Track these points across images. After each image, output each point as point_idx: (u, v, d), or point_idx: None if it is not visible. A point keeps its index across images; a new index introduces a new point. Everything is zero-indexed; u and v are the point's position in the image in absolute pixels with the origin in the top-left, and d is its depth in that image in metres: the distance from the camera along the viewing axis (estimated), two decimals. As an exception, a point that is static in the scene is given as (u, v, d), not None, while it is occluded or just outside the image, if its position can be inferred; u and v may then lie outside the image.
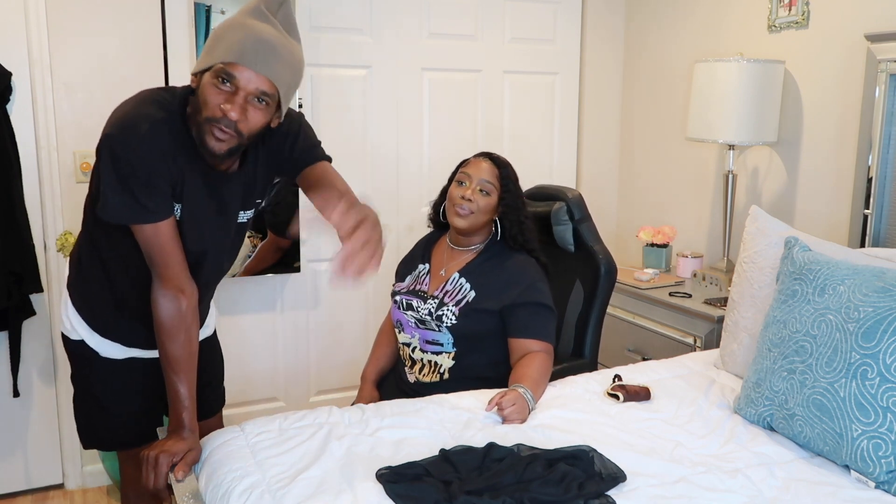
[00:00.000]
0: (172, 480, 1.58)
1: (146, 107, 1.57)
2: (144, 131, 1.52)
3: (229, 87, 1.51)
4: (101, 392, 1.82)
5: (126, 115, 1.55)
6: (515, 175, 2.15)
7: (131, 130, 1.52)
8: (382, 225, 1.48)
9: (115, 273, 1.73)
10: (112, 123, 1.55)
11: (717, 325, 2.60)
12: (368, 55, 3.12)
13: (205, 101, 1.52)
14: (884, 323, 1.63)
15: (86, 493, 2.88)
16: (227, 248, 1.81)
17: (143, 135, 1.52)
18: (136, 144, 1.52)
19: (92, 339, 1.78)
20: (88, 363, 1.81)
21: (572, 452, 1.60)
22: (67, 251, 2.57)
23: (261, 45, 1.50)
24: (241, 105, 1.51)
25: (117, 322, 1.76)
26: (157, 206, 1.57)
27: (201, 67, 1.54)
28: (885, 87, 2.38)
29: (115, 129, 1.53)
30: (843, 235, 2.56)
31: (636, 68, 3.53)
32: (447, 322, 2.05)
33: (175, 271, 1.62)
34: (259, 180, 1.76)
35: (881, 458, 1.58)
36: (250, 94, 1.52)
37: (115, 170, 1.53)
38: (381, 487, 1.49)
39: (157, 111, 1.56)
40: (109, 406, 1.82)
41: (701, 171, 3.21)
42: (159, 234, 1.59)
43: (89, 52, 2.68)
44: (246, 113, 1.52)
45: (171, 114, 1.58)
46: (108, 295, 1.76)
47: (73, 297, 1.80)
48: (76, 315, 1.79)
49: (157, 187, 1.56)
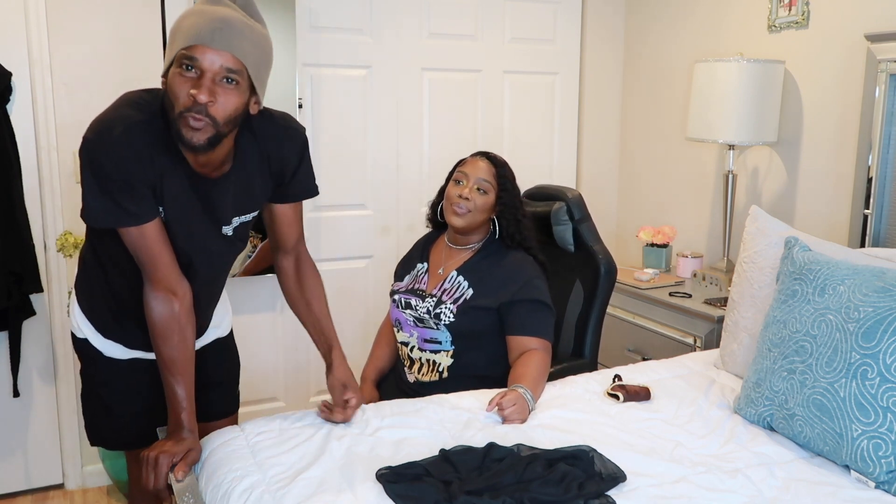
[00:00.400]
0: (172, 480, 1.58)
1: (124, 109, 1.54)
2: (118, 134, 1.50)
3: (194, 73, 1.46)
4: (105, 392, 1.81)
5: (102, 119, 1.53)
6: (512, 174, 2.15)
7: (106, 134, 1.50)
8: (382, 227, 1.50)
9: (112, 275, 1.73)
10: (89, 128, 1.53)
11: (717, 325, 2.60)
12: (368, 55, 3.12)
13: (174, 94, 1.47)
14: (884, 323, 1.63)
15: (86, 493, 2.88)
16: (224, 250, 1.76)
17: (117, 137, 1.49)
18: (109, 147, 1.49)
19: (96, 339, 1.78)
20: (93, 362, 1.81)
21: (572, 452, 1.60)
22: (67, 251, 2.57)
23: (217, 24, 1.45)
24: (210, 87, 1.45)
25: (117, 323, 1.76)
26: (137, 209, 1.54)
27: (166, 64, 1.51)
28: (885, 87, 2.38)
29: (92, 134, 1.52)
30: (843, 235, 2.56)
31: (636, 68, 3.53)
32: (445, 320, 2.05)
33: (164, 273, 1.61)
34: (257, 183, 1.70)
35: (881, 458, 1.58)
36: (216, 75, 1.46)
37: (93, 174, 1.51)
38: (381, 487, 1.49)
39: (136, 113, 1.53)
40: (113, 406, 1.81)
41: (701, 171, 3.21)
42: (145, 237, 1.56)
43: (89, 52, 2.68)
44: (216, 95, 1.46)
45: (151, 115, 1.54)
46: (108, 296, 1.76)
47: (79, 298, 1.80)
48: (81, 315, 1.79)
49: (135, 190, 1.52)
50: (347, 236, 3.18)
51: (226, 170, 1.64)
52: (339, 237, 3.15)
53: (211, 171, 1.61)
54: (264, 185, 1.72)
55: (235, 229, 1.73)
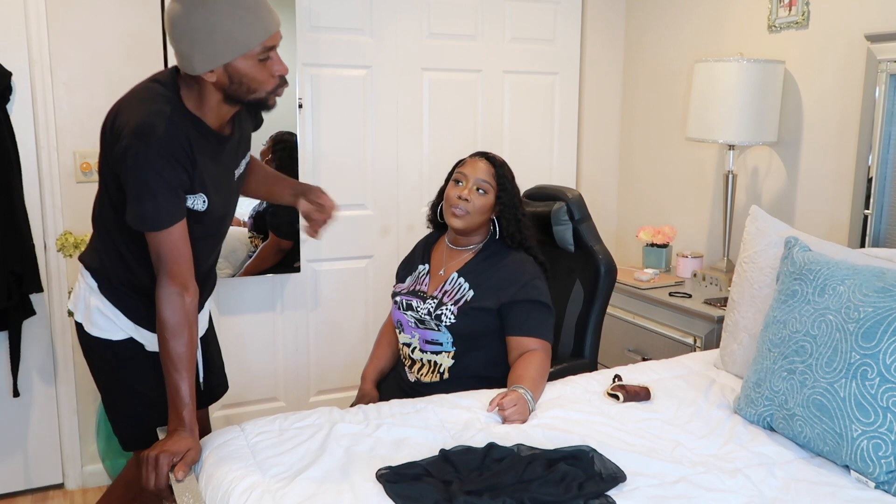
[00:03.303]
0: (172, 480, 1.58)
1: (152, 104, 1.62)
2: (163, 131, 1.59)
3: (269, 56, 1.64)
4: (147, 387, 1.81)
5: (139, 121, 1.59)
6: (512, 174, 2.15)
7: (151, 134, 1.58)
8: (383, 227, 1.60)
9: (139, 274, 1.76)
10: (130, 133, 1.58)
11: (717, 325, 2.60)
12: (368, 55, 3.12)
13: (257, 81, 1.64)
14: (884, 323, 1.63)
15: (86, 493, 2.88)
16: (234, 202, 1.91)
17: (162, 134, 1.58)
18: (160, 146, 1.58)
19: (139, 334, 1.81)
20: (132, 361, 1.82)
21: (572, 452, 1.60)
22: (67, 251, 2.56)
23: (264, 9, 1.61)
24: (280, 60, 1.67)
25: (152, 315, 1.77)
26: (175, 208, 1.63)
27: (227, 60, 1.60)
28: (885, 87, 2.38)
29: (135, 139, 1.58)
30: (843, 235, 2.56)
31: (636, 68, 3.53)
32: (446, 321, 2.05)
33: (182, 268, 1.66)
34: (243, 123, 1.86)
35: (881, 458, 1.58)
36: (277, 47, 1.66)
37: (142, 179, 1.58)
38: (381, 487, 1.50)
39: (165, 105, 1.63)
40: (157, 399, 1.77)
41: (701, 171, 3.21)
42: (172, 235, 1.64)
43: (89, 52, 2.68)
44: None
45: (175, 103, 1.65)
46: (142, 293, 1.77)
47: (111, 299, 1.80)
48: (119, 314, 1.79)
49: (180, 186, 1.63)
50: (347, 236, 3.18)
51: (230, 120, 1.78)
52: (340, 237, 3.15)
53: (226, 128, 1.77)
54: (246, 120, 1.89)
55: (238, 175, 1.87)
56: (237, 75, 1.62)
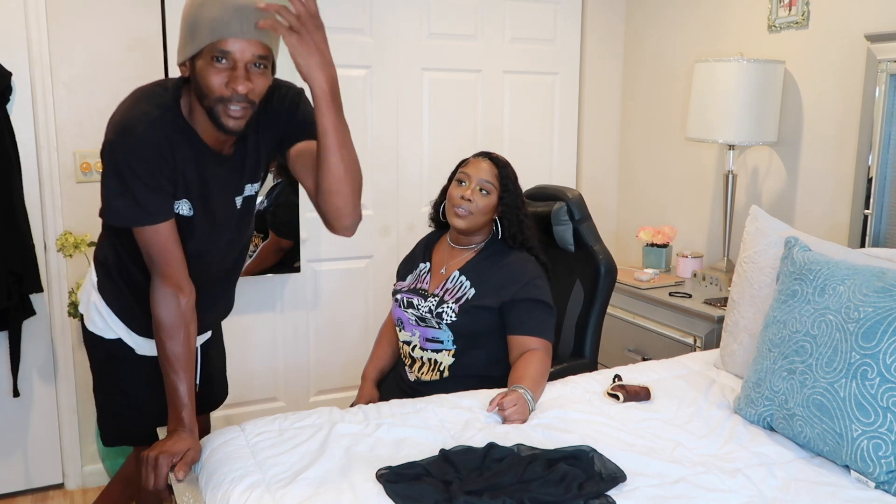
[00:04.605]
0: (172, 480, 1.58)
1: (141, 105, 1.59)
2: (141, 132, 1.55)
3: (226, 64, 1.51)
4: (132, 389, 1.83)
5: (123, 118, 1.58)
6: (515, 174, 2.15)
7: (129, 133, 1.55)
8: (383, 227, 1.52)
9: (135, 274, 1.76)
10: (111, 129, 1.58)
11: (717, 325, 2.60)
12: (368, 55, 3.12)
13: (207, 85, 1.52)
14: (884, 323, 1.63)
15: (86, 493, 2.88)
16: (239, 225, 1.81)
17: (141, 136, 1.55)
18: (135, 146, 1.55)
19: (130, 338, 1.82)
20: (122, 362, 1.83)
21: (572, 452, 1.60)
22: (67, 251, 2.56)
23: (240, 13, 1.48)
24: (244, 76, 1.51)
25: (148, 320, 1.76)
26: (157, 208, 1.60)
27: (189, 55, 1.54)
28: (885, 87, 2.38)
29: (115, 135, 1.57)
30: (843, 235, 2.56)
31: (636, 68, 3.53)
32: (447, 319, 2.05)
33: (174, 269, 1.65)
34: (262, 147, 1.75)
35: (881, 458, 1.58)
36: (248, 63, 1.51)
37: (117, 174, 1.56)
38: (381, 487, 1.50)
39: (153, 108, 1.59)
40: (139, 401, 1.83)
41: (701, 171, 3.21)
42: (159, 234, 1.61)
43: (89, 52, 2.68)
44: (251, 81, 1.52)
45: (167, 108, 1.60)
46: (138, 295, 1.77)
47: (106, 300, 1.81)
48: (112, 315, 1.81)
49: (159, 188, 1.58)
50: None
51: (234, 142, 1.71)
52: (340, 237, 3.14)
53: (226, 147, 1.68)
54: (265, 143, 1.76)
55: (245, 200, 1.78)
56: (195, 73, 1.55)
